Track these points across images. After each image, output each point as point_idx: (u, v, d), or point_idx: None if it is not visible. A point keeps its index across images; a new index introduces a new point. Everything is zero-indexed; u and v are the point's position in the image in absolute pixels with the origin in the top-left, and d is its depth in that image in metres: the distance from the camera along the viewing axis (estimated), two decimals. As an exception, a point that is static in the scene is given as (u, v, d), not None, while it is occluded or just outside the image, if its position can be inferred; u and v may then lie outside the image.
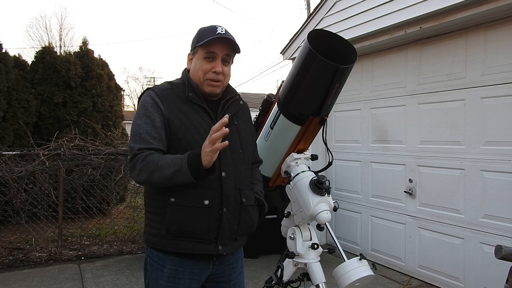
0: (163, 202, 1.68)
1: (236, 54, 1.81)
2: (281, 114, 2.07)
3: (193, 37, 1.79)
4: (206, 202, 1.66)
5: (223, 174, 1.70)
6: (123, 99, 9.57)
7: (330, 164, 2.15)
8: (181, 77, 1.84)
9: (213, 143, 1.49)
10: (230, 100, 1.82)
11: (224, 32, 1.72)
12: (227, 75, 1.78)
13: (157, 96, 1.71)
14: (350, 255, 1.92)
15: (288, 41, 5.50)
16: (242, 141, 1.82)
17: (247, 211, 1.79)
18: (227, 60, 1.77)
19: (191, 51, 1.81)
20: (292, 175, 2.10)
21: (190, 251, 1.68)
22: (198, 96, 1.75)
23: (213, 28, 1.73)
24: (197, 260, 1.73)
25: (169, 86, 1.78)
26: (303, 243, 2.09)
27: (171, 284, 1.72)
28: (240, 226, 1.77)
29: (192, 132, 1.69)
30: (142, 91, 1.81)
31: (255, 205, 1.85)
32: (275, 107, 2.15)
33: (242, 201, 1.75)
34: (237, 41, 1.75)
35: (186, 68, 1.85)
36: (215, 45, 1.71)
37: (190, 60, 1.81)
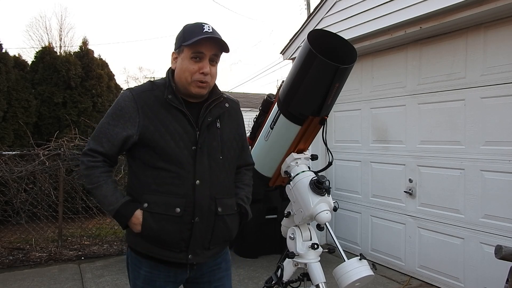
0: (138, 205, 1.65)
1: (234, 54, 1.77)
2: (281, 114, 2.07)
3: (178, 34, 1.70)
4: (178, 210, 1.61)
5: (197, 182, 1.63)
6: (123, 99, 9.50)
7: (330, 164, 2.16)
8: (165, 76, 1.74)
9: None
10: (213, 103, 1.72)
11: (211, 30, 1.64)
12: (214, 76, 1.70)
13: (132, 100, 1.65)
14: (350, 255, 1.92)
15: (288, 41, 5.49)
16: (224, 147, 1.74)
17: (223, 220, 1.71)
18: (215, 60, 1.68)
19: (176, 49, 1.70)
20: (292, 175, 2.10)
21: (161, 257, 1.67)
22: (178, 98, 1.66)
23: (200, 26, 1.64)
24: (172, 265, 1.70)
25: (150, 87, 1.70)
26: (303, 243, 2.09)
27: (146, 286, 1.72)
28: (214, 235, 1.70)
29: (166, 139, 1.62)
30: (124, 90, 1.75)
31: (235, 213, 1.78)
32: (275, 107, 2.15)
33: (217, 210, 1.68)
34: (225, 40, 1.67)
35: (170, 67, 1.75)
36: (202, 44, 1.62)
37: (175, 59, 1.71)
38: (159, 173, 1.63)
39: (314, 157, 2.21)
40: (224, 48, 1.68)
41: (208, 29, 1.63)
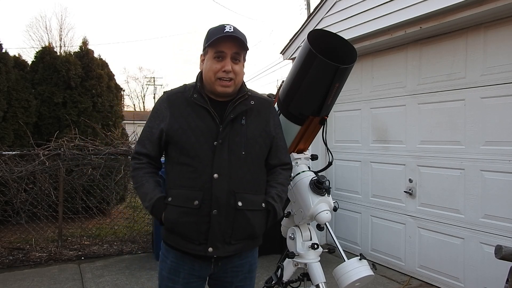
0: (165, 199, 1.76)
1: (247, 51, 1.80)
2: (281, 114, 2.08)
3: (204, 38, 1.80)
4: (196, 202, 1.68)
5: (214, 176, 1.69)
6: (123, 99, 9.55)
7: (330, 164, 2.16)
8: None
9: None
10: (238, 100, 1.78)
11: (232, 30, 1.71)
12: (238, 73, 1.75)
13: (165, 102, 1.81)
14: (350, 255, 1.92)
15: (288, 41, 5.49)
16: (248, 143, 1.76)
17: (243, 215, 1.73)
18: (237, 58, 1.74)
19: (202, 52, 1.82)
20: (292, 175, 2.10)
21: (184, 249, 1.74)
22: (203, 97, 1.76)
23: (221, 27, 1.73)
24: (197, 258, 1.76)
25: (183, 89, 1.84)
26: (303, 243, 2.09)
27: (171, 276, 1.79)
28: (235, 230, 1.72)
29: (188, 135, 1.71)
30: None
31: (260, 210, 1.78)
32: (275, 107, 2.15)
33: (237, 205, 1.71)
34: (245, 38, 1.75)
35: (200, 71, 1.85)
36: (223, 44, 1.71)
37: (202, 61, 1.82)
38: (182, 168, 1.73)
39: (314, 157, 2.21)
40: (244, 46, 1.74)
41: (229, 29, 1.71)
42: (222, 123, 1.74)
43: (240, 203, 1.71)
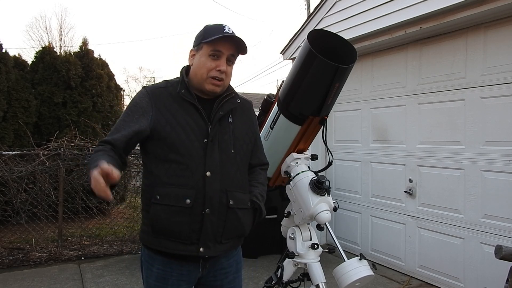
0: (149, 199, 1.68)
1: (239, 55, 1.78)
2: (281, 114, 2.08)
3: (198, 33, 1.76)
4: (188, 201, 1.63)
5: (207, 174, 1.66)
6: (123, 99, 9.53)
7: (330, 164, 2.16)
8: (179, 75, 1.81)
9: (101, 176, 1.37)
10: (225, 98, 1.77)
11: (231, 32, 1.70)
12: (229, 76, 1.75)
13: (147, 96, 1.72)
14: (350, 255, 1.92)
15: (288, 41, 5.50)
16: (236, 142, 1.76)
17: (234, 214, 1.71)
18: (231, 60, 1.73)
19: (194, 47, 1.76)
20: (292, 175, 2.10)
21: (172, 250, 1.68)
22: (191, 93, 1.71)
23: (221, 27, 1.70)
24: (185, 261, 1.71)
25: (165, 84, 1.77)
26: (303, 243, 2.09)
27: (159, 284, 1.73)
28: (226, 229, 1.71)
29: (177, 132, 1.66)
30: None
31: (248, 209, 1.78)
32: (275, 107, 2.15)
33: (228, 203, 1.69)
34: (244, 41, 1.73)
35: (184, 66, 1.81)
36: (222, 43, 1.68)
37: (192, 56, 1.76)
38: (170, 165, 1.66)
39: (314, 157, 2.21)
40: (242, 49, 1.73)
41: (228, 30, 1.70)
42: (210, 120, 1.71)
43: (231, 202, 1.70)
